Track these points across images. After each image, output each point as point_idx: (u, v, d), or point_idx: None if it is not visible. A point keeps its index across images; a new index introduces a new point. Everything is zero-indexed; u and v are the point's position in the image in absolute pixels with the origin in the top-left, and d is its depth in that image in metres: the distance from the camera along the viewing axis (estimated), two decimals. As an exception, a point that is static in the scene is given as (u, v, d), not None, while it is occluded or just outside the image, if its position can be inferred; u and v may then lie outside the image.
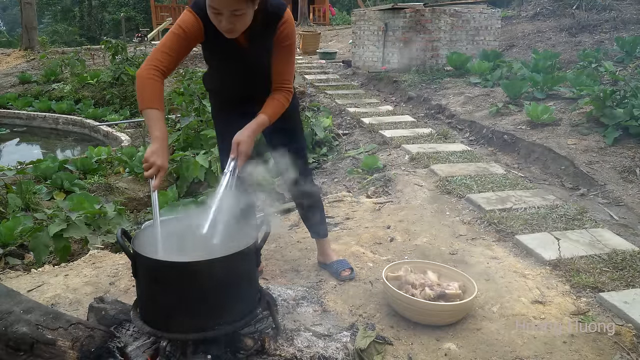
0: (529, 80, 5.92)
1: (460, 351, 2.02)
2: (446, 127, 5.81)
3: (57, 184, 4.89)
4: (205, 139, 5.40)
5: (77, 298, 2.46)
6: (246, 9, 1.80)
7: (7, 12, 44.21)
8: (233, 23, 1.82)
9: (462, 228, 3.25)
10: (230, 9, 1.77)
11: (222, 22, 1.82)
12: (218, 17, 1.81)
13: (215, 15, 1.81)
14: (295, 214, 3.60)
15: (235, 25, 1.83)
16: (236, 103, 2.24)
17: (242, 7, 1.78)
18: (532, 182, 4.02)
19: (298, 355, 1.83)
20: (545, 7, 11.75)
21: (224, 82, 2.26)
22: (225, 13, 1.79)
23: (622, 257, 2.74)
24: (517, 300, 2.38)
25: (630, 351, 2.03)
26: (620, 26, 9.56)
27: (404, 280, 2.31)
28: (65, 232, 3.27)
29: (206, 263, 1.64)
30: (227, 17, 1.80)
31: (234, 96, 2.25)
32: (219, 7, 1.77)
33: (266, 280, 2.58)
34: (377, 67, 9.07)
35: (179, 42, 1.94)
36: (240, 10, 1.78)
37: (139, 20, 27.84)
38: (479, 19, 8.93)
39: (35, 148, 9.09)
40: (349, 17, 15.96)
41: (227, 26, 1.83)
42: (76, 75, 11.46)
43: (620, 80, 5.12)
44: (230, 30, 1.86)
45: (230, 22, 1.81)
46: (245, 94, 2.21)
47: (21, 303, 1.80)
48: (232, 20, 1.81)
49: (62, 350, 1.65)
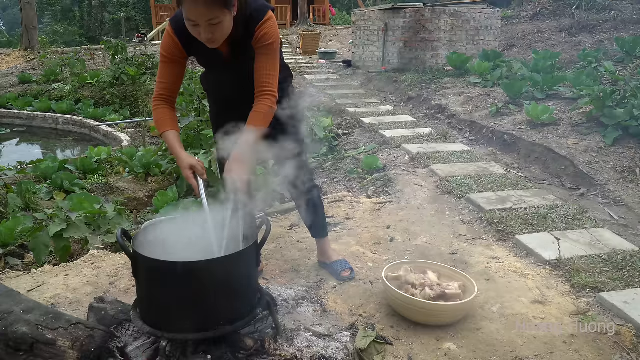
0: (529, 80, 5.92)
1: (460, 351, 2.02)
2: (446, 127, 5.81)
3: (57, 184, 4.89)
4: (205, 139, 5.39)
5: (77, 298, 2.46)
6: (222, 16, 1.76)
7: (7, 12, 44.22)
8: (212, 33, 1.79)
9: (462, 228, 3.25)
10: (206, 18, 1.73)
11: (201, 34, 1.80)
12: (196, 29, 1.79)
13: (194, 27, 1.78)
14: (295, 214, 3.60)
15: (215, 34, 1.80)
16: (231, 104, 2.24)
17: (217, 15, 1.74)
18: (532, 182, 4.02)
19: (298, 355, 1.83)
20: (545, 7, 11.76)
21: (217, 86, 2.29)
22: (202, 24, 1.75)
23: (622, 257, 2.74)
24: (517, 300, 2.38)
25: (630, 351, 2.03)
26: (620, 26, 9.56)
27: (404, 280, 2.31)
28: (65, 232, 3.26)
29: (206, 263, 1.64)
30: (205, 28, 1.76)
31: (228, 98, 2.26)
32: (195, 18, 1.74)
33: (266, 280, 2.58)
34: (377, 67, 9.08)
35: (166, 68, 2.00)
36: (216, 19, 1.75)
37: (139, 20, 27.86)
38: (479, 19, 8.93)
39: (35, 148, 9.09)
40: (349, 17, 15.98)
41: (206, 36, 1.80)
42: (76, 75, 11.46)
43: (620, 80, 5.12)
44: (211, 40, 1.83)
45: (209, 32, 1.78)
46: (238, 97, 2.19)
47: (21, 303, 1.80)
48: (210, 30, 1.77)
49: (62, 350, 1.65)
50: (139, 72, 10.68)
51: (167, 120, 2.00)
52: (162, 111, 2.00)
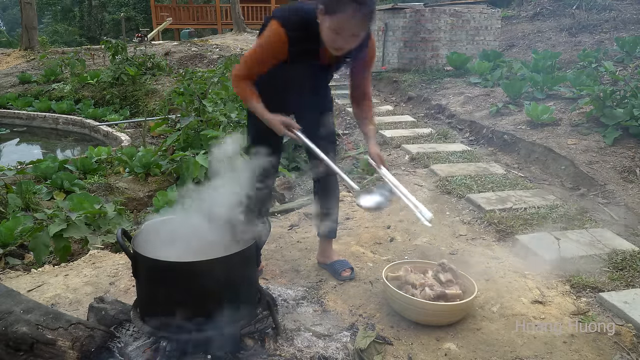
0: (529, 80, 5.92)
1: (460, 351, 2.02)
2: (446, 127, 5.81)
3: (57, 184, 4.89)
4: (205, 139, 5.39)
5: (77, 298, 2.46)
6: (364, 33, 1.87)
7: (7, 12, 44.21)
8: (349, 43, 1.88)
9: (462, 228, 3.25)
10: (354, 32, 1.83)
11: (338, 42, 1.87)
12: (336, 37, 1.86)
13: (337, 35, 1.85)
14: (295, 214, 3.60)
15: (350, 44, 1.89)
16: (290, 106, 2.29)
17: (365, 30, 1.86)
18: (532, 182, 4.02)
19: (298, 355, 1.83)
20: (545, 7, 11.77)
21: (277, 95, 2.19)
22: (348, 36, 1.84)
23: (622, 257, 2.74)
24: (517, 300, 2.38)
25: (630, 351, 2.03)
26: (620, 26, 9.57)
27: (404, 280, 2.31)
28: (65, 232, 3.26)
29: (206, 263, 1.64)
30: (347, 38, 1.86)
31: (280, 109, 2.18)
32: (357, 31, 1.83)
33: (266, 280, 2.58)
34: (377, 67, 9.07)
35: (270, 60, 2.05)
36: (362, 33, 1.86)
37: (139, 20, 27.84)
38: (479, 19, 8.93)
39: (35, 148, 9.09)
40: (349, 17, 15.93)
41: (341, 45, 1.88)
42: (76, 75, 11.46)
43: (620, 80, 5.12)
44: (341, 49, 1.91)
45: (347, 42, 1.87)
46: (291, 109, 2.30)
47: (21, 303, 1.80)
48: (349, 41, 1.87)
49: (62, 350, 1.65)
50: (139, 72, 10.68)
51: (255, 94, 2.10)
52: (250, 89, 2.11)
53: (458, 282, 2.30)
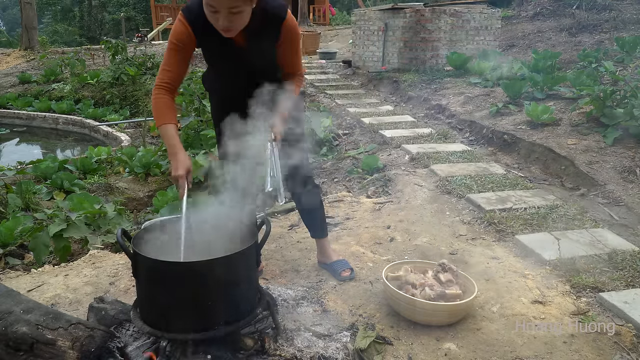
0: (529, 80, 5.92)
1: (460, 351, 2.02)
2: (446, 127, 5.81)
3: (57, 184, 4.89)
4: (205, 139, 5.40)
5: (77, 298, 2.46)
6: (244, 6, 1.80)
7: (7, 12, 44.22)
8: (231, 21, 1.82)
9: (462, 228, 3.25)
10: (228, 6, 1.77)
11: (220, 21, 1.82)
12: (215, 15, 1.82)
13: (213, 13, 1.81)
14: (295, 214, 3.60)
15: (233, 23, 1.84)
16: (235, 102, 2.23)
17: (239, 4, 1.78)
18: (532, 182, 4.02)
19: (298, 355, 1.83)
20: (545, 7, 11.76)
21: (223, 82, 2.26)
22: (222, 11, 1.79)
23: (622, 257, 2.74)
24: (517, 300, 2.38)
25: (630, 351, 2.03)
26: (620, 26, 9.56)
27: (404, 280, 2.31)
28: (65, 232, 3.26)
29: (206, 263, 1.64)
30: (225, 16, 1.80)
31: (233, 95, 2.25)
32: (217, 5, 1.78)
33: (266, 280, 2.58)
34: (377, 67, 9.07)
35: (175, 56, 2.00)
36: (237, 8, 1.79)
37: (139, 20, 27.85)
38: (479, 19, 8.92)
39: (35, 148, 9.09)
40: (349, 17, 15.97)
41: (224, 24, 1.83)
42: (76, 75, 11.46)
43: (620, 80, 5.12)
44: (228, 29, 1.86)
45: (228, 20, 1.81)
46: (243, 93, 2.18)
47: (21, 303, 1.80)
48: (230, 19, 1.81)
49: (62, 350, 1.65)
50: (139, 72, 10.68)
51: (168, 112, 1.98)
52: (163, 101, 1.98)
53: (458, 282, 2.30)
